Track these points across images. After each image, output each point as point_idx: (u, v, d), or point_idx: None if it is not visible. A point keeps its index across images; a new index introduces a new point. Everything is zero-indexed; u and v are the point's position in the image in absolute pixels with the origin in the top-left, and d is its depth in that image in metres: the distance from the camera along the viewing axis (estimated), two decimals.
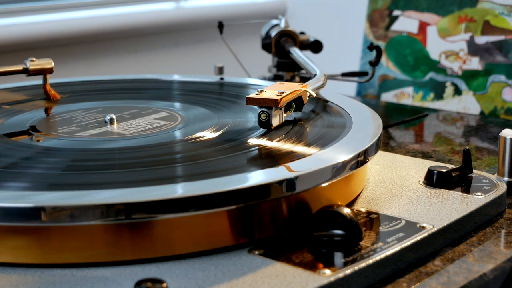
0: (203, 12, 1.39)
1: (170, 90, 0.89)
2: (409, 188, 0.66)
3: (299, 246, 0.54)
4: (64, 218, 0.49)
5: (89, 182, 0.54)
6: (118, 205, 0.49)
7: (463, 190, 0.66)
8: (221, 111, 0.74)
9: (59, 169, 0.58)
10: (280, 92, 0.66)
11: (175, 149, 0.63)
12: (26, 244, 0.51)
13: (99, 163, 0.59)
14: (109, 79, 0.93)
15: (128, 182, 0.54)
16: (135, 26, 1.29)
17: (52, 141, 0.65)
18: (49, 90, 0.81)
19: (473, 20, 1.05)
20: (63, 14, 1.23)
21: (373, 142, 0.62)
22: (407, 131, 0.95)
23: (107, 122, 0.70)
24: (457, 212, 0.61)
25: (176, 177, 0.56)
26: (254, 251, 0.53)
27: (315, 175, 0.55)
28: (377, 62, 0.91)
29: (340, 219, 0.53)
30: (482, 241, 0.59)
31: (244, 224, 0.54)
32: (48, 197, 0.51)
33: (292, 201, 0.56)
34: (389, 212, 0.61)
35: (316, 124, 0.69)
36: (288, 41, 0.97)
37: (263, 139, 0.64)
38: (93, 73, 1.24)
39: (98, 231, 0.51)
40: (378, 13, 1.15)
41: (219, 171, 0.56)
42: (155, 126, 0.69)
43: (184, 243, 0.53)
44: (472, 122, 0.99)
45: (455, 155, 0.83)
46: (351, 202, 0.63)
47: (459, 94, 1.05)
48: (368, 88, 1.14)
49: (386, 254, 0.53)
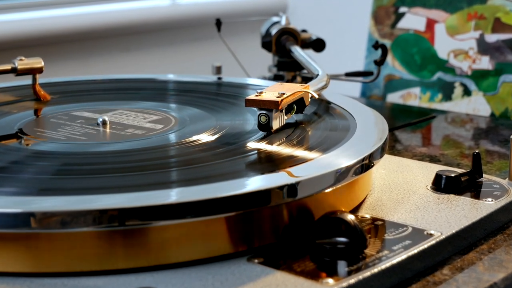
0: (200, 9, 1.40)
1: (165, 90, 0.89)
2: (416, 193, 0.67)
3: (300, 254, 0.54)
4: (55, 224, 0.49)
5: (81, 187, 0.55)
6: (111, 211, 0.49)
7: (472, 195, 0.66)
8: (219, 113, 0.75)
9: (49, 174, 0.58)
10: (280, 93, 0.66)
11: (170, 153, 0.63)
12: (15, 252, 0.51)
13: (91, 168, 0.59)
14: (101, 79, 0.93)
15: (122, 187, 0.54)
16: (128, 24, 1.29)
17: (42, 144, 0.65)
18: (38, 90, 0.81)
19: (483, 17, 1.05)
20: (53, 11, 1.24)
21: (379, 145, 0.62)
22: (414, 133, 0.95)
23: (99, 124, 0.70)
24: (467, 218, 0.61)
25: (171, 182, 0.56)
26: (254, 259, 0.53)
27: (317, 180, 0.56)
28: (382, 62, 0.91)
29: (344, 226, 0.53)
30: (493, 249, 0.60)
31: (243, 231, 0.54)
32: (38, 202, 0.51)
33: (293, 207, 0.56)
34: (395, 219, 0.61)
35: (319, 127, 0.70)
36: (289, 39, 0.97)
37: (262, 143, 0.64)
38: (85, 72, 1.24)
39: (90, 239, 0.51)
40: (383, 10, 1.15)
41: (217, 176, 0.56)
42: (150, 129, 0.69)
43: (180, 251, 0.53)
44: (482, 124, 1.00)
45: (464, 159, 0.83)
46: (355, 208, 0.63)
47: (469, 95, 1.05)
48: (373, 88, 1.15)
49: (392, 262, 0.53)
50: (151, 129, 0.69)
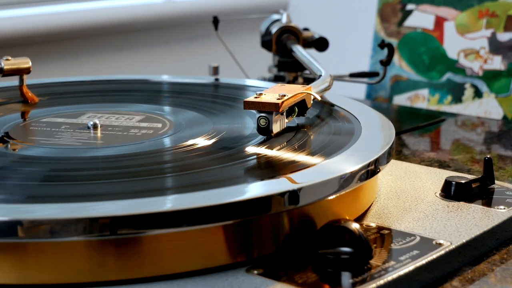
0: (196, 6, 1.40)
1: (160, 92, 0.89)
2: (424, 200, 0.67)
3: (302, 265, 0.54)
4: (43, 233, 0.49)
5: (71, 194, 0.55)
6: (102, 219, 0.49)
7: (484, 203, 0.66)
8: (216, 116, 0.75)
9: (37, 180, 0.58)
10: (281, 95, 0.66)
11: (165, 158, 0.63)
12: (1, 263, 0.51)
13: (82, 173, 0.59)
14: (92, 80, 0.93)
15: (114, 194, 0.54)
16: (121, 21, 1.29)
17: (29, 149, 0.65)
18: (26, 92, 0.81)
19: (495, 14, 1.05)
20: (41, 8, 1.24)
21: (385, 150, 0.63)
22: (422, 137, 0.95)
23: (90, 128, 0.70)
24: (478, 227, 0.61)
25: (166, 189, 0.56)
26: (253, 270, 0.53)
27: (320, 187, 0.56)
28: (388, 62, 0.91)
29: (348, 235, 0.53)
30: (505, 260, 0.60)
31: (242, 241, 0.54)
32: (26, 210, 0.51)
33: (295, 215, 0.56)
34: (402, 228, 0.61)
35: (321, 130, 0.70)
36: (290, 38, 0.98)
37: (262, 147, 0.64)
38: (75, 73, 1.24)
39: (80, 248, 0.51)
40: (390, 7, 1.15)
41: (214, 182, 0.56)
42: (143, 133, 0.69)
43: (175, 262, 0.53)
44: (494, 128, 1.00)
45: (475, 165, 0.83)
46: (360, 216, 0.63)
47: (480, 97, 1.05)
48: (379, 90, 1.15)
49: (398, 274, 0.53)
50: (145, 133, 0.69)
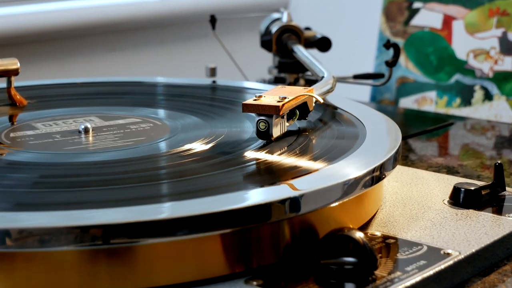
0: (193, 5, 1.40)
1: (155, 94, 0.89)
2: (431, 208, 0.67)
3: (304, 275, 0.54)
4: (32, 243, 0.49)
5: (61, 201, 0.55)
6: (94, 228, 0.49)
7: (494, 210, 0.66)
8: (214, 119, 0.75)
9: (26, 187, 0.58)
10: (281, 97, 0.66)
11: (160, 164, 0.64)
12: None
13: (73, 180, 0.59)
14: (84, 81, 0.93)
15: (106, 201, 0.54)
16: (114, 21, 1.29)
17: (17, 154, 0.65)
18: (14, 94, 0.82)
19: (506, 13, 1.05)
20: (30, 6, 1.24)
21: (391, 155, 0.63)
22: (430, 142, 0.95)
23: (81, 132, 0.71)
24: (488, 236, 0.61)
25: (162, 196, 0.56)
26: (252, 281, 0.53)
27: (322, 193, 0.56)
28: (394, 63, 0.91)
29: (352, 244, 0.53)
30: None
31: (240, 251, 0.55)
32: (14, 218, 0.51)
33: (296, 223, 0.56)
34: (409, 237, 0.61)
35: (324, 134, 0.70)
36: (291, 38, 0.98)
37: (262, 152, 0.64)
38: (65, 75, 1.24)
39: (71, 258, 0.51)
40: (395, 6, 1.15)
41: (211, 189, 0.56)
42: (137, 137, 0.69)
43: (170, 273, 0.53)
44: (504, 132, 1.00)
45: (485, 170, 0.83)
46: (365, 224, 0.63)
47: (490, 100, 1.05)
48: (384, 92, 1.15)
49: (405, 285, 0.53)
50: (139, 137, 0.69)
